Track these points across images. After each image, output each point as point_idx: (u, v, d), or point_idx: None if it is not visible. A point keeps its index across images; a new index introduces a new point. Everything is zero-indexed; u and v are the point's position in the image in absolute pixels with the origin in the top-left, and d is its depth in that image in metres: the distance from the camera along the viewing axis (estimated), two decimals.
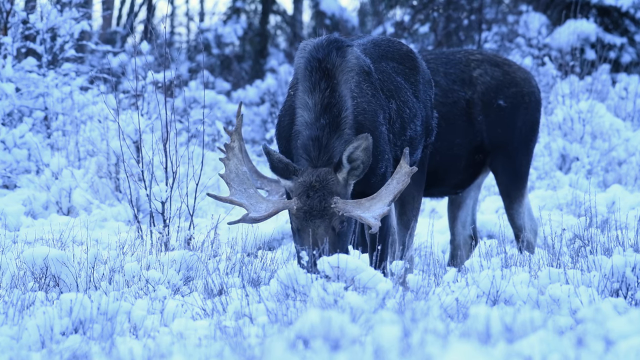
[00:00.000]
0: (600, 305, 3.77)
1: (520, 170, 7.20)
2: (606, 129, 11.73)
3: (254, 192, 5.46)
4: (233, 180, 5.50)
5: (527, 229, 7.25)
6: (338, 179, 5.45)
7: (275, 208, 5.42)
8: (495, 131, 7.12)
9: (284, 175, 5.49)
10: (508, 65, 7.27)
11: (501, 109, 7.13)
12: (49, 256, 5.47)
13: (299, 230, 5.43)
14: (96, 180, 9.74)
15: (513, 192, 7.21)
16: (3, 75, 10.46)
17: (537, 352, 3.33)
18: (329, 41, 5.62)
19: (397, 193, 5.41)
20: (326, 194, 5.43)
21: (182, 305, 4.93)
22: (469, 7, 17.39)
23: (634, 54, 17.98)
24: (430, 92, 6.25)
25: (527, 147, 7.24)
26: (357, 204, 5.42)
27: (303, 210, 5.42)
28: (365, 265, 4.78)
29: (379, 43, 6.12)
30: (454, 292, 4.84)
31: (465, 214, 7.54)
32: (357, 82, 5.63)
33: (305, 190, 5.43)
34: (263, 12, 22.57)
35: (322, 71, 5.54)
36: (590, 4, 18.09)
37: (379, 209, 5.39)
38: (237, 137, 5.56)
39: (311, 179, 5.43)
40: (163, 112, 7.04)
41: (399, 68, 6.06)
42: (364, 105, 5.61)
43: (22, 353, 4.15)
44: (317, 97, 5.49)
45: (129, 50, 16.91)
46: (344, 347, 3.53)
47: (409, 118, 5.92)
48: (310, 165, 5.48)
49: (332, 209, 5.41)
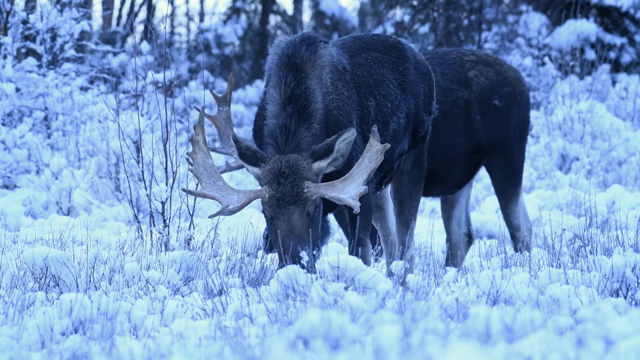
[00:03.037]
0: (600, 305, 3.77)
1: (515, 169, 7.24)
2: (606, 129, 11.73)
3: (223, 184, 5.43)
4: (202, 174, 5.46)
5: (523, 228, 7.29)
6: (310, 165, 5.39)
7: (248, 198, 5.35)
8: (492, 131, 7.15)
9: (252, 162, 5.43)
10: (500, 64, 7.31)
11: (497, 108, 7.17)
12: (49, 256, 5.47)
13: (273, 218, 5.37)
14: (96, 180, 9.74)
15: (509, 191, 7.25)
16: (3, 75, 10.46)
17: (537, 352, 3.33)
18: (302, 38, 5.62)
19: (371, 172, 5.35)
20: (297, 179, 5.37)
21: (182, 305, 4.93)
22: (469, 7, 17.39)
23: (634, 54, 17.99)
24: (423, 85, 6.18)
25: (521, 145, 7.30)
26: (329, 186, 5.35)
27: (275, 197, 5.36)
28: (365, 265, 4.79)
29: (361, 37, 6.08)
30: (454, 292, 4.84)
31: (459, 212, 7.57)
32: (332, 79, 5.60)
33: (275, 177, 5.38)
34: (263, 12, 22.58)
35: (290, 65, 5.53)
36: (590, 4, 18.09)
37: (354, 189, 5.32)
38: (201, 131, 5.54)
39: (280, 165, 5.38)
40: (163, 112, 7.04)
41: (383, 58, 6.00)
42: (338, 103, 5.60)
43: (22, 353, 4.15)
44: (283, 89, 5.48)
45: (129, 50, 16.92)
46: (344, 347, 3.53)
47: (390, 112, 5.88)
48: (277, 152, 5.43)
49: (304, 193, 5.35)
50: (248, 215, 9.15)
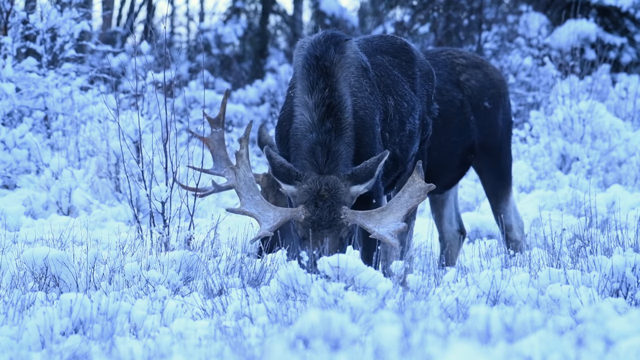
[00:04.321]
0: (600, 305, 3.77)
1: (505, 169, 7.30)
2: (606, 129, 11.72)
3: (260, 199, 5.35)
4: (242, 188, 5.37)
5: (515, 228, 7.33)
6: (348, 188, 5.31)
7: (283, 218, 5.26)
8: (483, 132, 7.21)
9: (286, 180, 5.35)
10: (486, 66, 7.37)
11: (487, 110, 7.23)
12: (49, 256, 5.47)
13: (304, 239, 5.30)
14: (96, 180, 9.74)
15: (500, 190, 7.30)
16: (3, 75, 10.46)
17: (537, 352, 3.33)
18: (326, 37, 5.52)
19: (411, 208, 5.26)
20: (335, 204, 5.29)
21: (182, 305, 4.93)
22: (469, 7, 17.39)
23: (634, 54, 17.99)
24: (428, 85, 6.17)
25: (509, 145, 7.37)
26: (366, 215, 5.26)
27: (311, 220, 5.29)
28: (365, 265, 4.79)
29: (370, 39, 6.07)
30: (454, 292, 4.84)
31: (449, 210, 7.60)
32: (357, 77, 5.54)
33: (313, 199, 5.30)
34: (263, 12, 22.57)
35: (320, 69, 5.43)
36: (590, 4, 18.09)
37: (392, 224, 5.21)
38: (246, 144, 5.46)
39: (319, 187, 5.30)
40: (163, 112, 7.04)
41: (395, 61, 5.99)
42: (364, 101, 5.54)
43: (22, 353, 4.15)
44: (317, 97, 5.38)
45: (129, 50, 16.92)
46: (344, 347, 3.53)
47: (407, 112, 5.86)
48: (315, 171, 5.35)
49: (341, 220, 5.28)
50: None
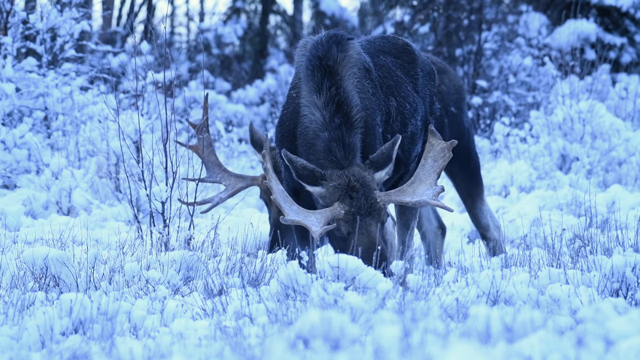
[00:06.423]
0: (600, 305, 3.77)
1: (475, 171, 7.37)
2: (606, 129, 11.72)
3: (297, 207, 5.31)
4: (283, 199, 5.31)
5: (492, 227, 7.36)
6: (372, 176, 5.36)
7: (326, 218, 5.23)
8: (452, 136, 7.24)
9: (311, 182, 5.35)
10: (449, 71, 7.45)
11: (454, 115, 7.31)
12: (49, 256, 5.47)
13: (350, 233, 5.29)
14: (96, 180, 9.74)
15: (473, 190, 7.35)
16: (3, 75, 10.46)
17: (537, 352, 3.33)
18: (328, 37, 5.53)
19: (440, 170, 5.34)
20: (367, 190, 5.32)
21: (182, 305, 4.93)
22: (469, 7, 17.39)
23: (634, 54, 17.99)
24: (430, 85, 6.19)
25: (475, 147, 7.44)
26: (400, 191, 5.32)
27: (351, 212, 5.29)
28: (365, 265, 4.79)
29: (372, 39, 6.07)
30: (454, 292, 4.84)
31: (426, 209, 7.62)
32: (360, 77, 5.55)
33: (346, 192, 5.31)
34: (263, 12, 22.57)
35: (323, 69, 5.44)
36: (590, 4, 18.10)
37: (428, 190, 5.30)
38: (269, 158, 5.43)
39: (348, 180, 5.32)
40: (163, 112, 7.04)
41: (397, 62, 5.99)
42: (365, 102, 5.55)
43: (22, 353, 4.15)
44: (325, 96, 5.39)
45: (129, 50, 16.92)
46: (344, 347, 3.53)
47: (409, 113, 5.87)
48: (336, 167, 5.36)
49: (378, 203, 5.31)
50: (248, 215, 9.14)
